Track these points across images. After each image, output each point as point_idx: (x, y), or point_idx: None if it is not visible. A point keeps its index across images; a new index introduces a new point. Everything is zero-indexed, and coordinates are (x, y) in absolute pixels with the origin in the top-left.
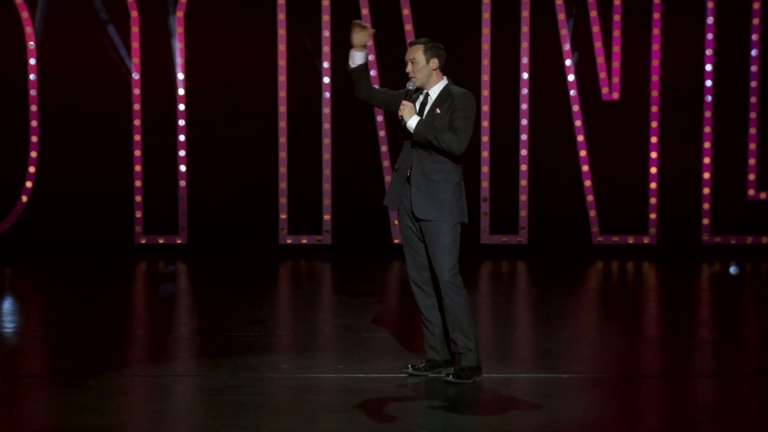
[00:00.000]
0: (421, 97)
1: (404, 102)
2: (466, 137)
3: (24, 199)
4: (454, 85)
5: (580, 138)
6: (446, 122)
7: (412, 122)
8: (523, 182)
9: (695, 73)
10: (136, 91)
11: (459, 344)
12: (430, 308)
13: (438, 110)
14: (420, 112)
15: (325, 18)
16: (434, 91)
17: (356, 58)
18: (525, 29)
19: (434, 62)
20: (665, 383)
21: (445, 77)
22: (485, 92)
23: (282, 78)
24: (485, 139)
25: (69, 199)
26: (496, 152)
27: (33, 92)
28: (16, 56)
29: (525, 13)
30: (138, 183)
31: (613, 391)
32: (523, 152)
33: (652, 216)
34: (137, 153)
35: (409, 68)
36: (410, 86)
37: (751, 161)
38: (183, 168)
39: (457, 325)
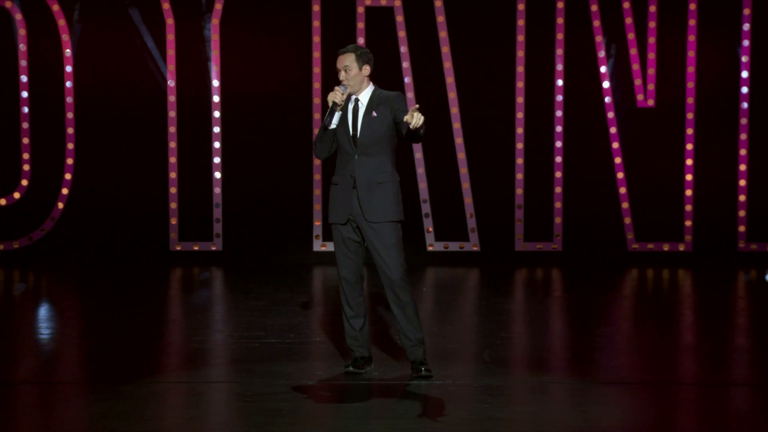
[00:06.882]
0: (351, 104)
1: (415, 112)
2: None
3: (60, 205)
4: (381, 89)
5: (615, 145)
6: (388, 121)
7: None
8: (558, 189)
9: (731, 80)
10: (172, 98)
11: (414, 337)
12: (359, 304)
13: (374, 113)
14: (354, 118)
15: (360, 25)
16: (364, 96)
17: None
18: (560, 36)
19: (366, 69)
20: (701, 391)
21: (371, 83)
22: (520, 99)
23: (317, 85)
24: (520, 146)
25: (104, 206)
26: (531, 159)
27: (69, 99)
28: (53, 64)
29: (560, 20)
30: (173, 190)
31: (648, 398)
32: (558, 159)
33: (688, 223)
34: (172, 160)
35: (342, 76)
36: (343, 89)
37: None
38: (218, 175)
39: (413, 320)
